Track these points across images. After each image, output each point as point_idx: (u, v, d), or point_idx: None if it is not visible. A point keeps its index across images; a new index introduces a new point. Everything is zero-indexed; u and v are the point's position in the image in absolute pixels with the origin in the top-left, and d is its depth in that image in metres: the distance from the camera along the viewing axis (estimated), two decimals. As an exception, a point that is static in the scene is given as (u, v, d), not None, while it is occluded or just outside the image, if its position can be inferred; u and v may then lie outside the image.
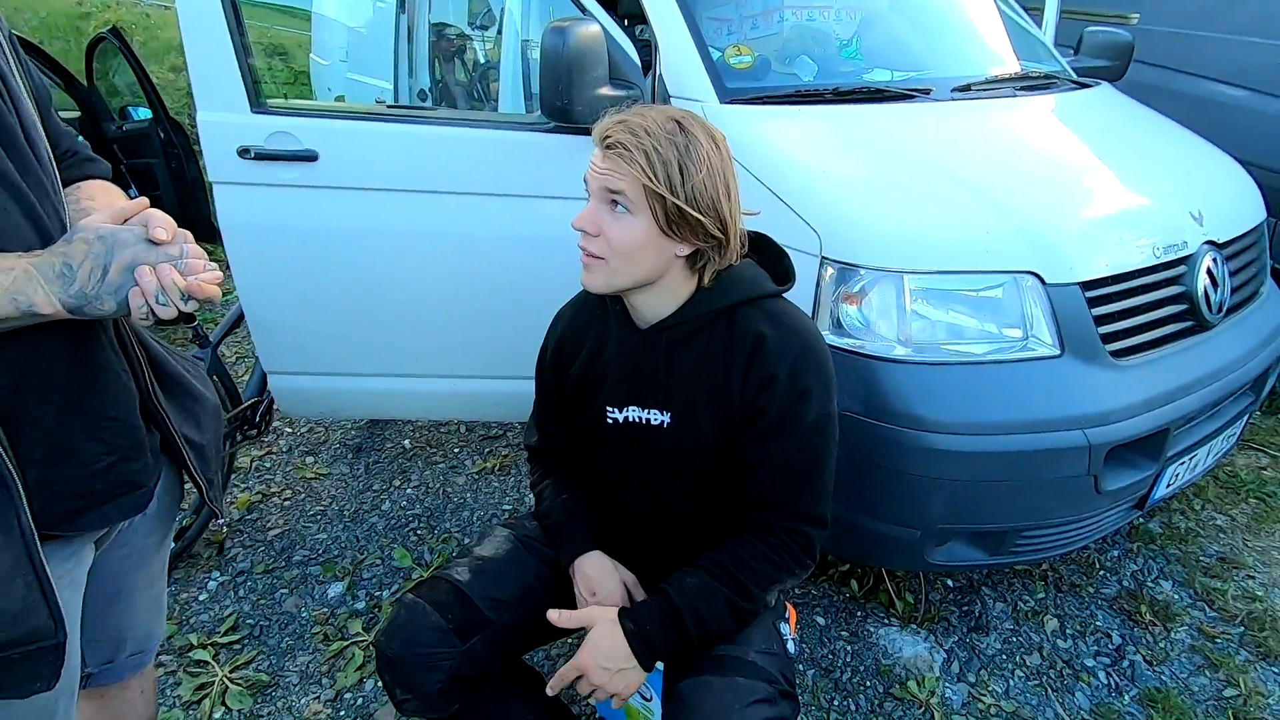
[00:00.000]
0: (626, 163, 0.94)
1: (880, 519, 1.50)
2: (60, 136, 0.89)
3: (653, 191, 0.94)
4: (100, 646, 0.97)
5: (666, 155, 0.94)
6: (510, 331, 1.72)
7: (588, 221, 0.99)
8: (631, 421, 1.10)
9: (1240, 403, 1.75)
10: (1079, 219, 1.56)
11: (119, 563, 0.94)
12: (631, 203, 0.96)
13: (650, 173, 0.93)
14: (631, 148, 0.93)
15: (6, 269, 0.69)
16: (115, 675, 1.02)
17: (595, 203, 0.99)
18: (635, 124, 0.95)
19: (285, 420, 2.60)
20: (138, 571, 0.98)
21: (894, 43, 2.13)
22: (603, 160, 0.97)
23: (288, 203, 1.72)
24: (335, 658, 1.71)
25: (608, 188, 0.96)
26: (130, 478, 0.85)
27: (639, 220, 0.96)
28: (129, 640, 1.01)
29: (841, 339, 1.45)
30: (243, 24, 1.66)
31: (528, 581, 1.17)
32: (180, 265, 0.74)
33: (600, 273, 1.00)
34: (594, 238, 0.99)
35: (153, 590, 1.02)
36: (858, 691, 1.65)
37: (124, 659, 1.02)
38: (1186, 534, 2.10)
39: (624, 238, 0.97)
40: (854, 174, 1.57)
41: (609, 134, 0.95)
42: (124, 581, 0.96)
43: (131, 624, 1.00)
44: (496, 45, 3.08)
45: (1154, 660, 1.72)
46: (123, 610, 0.98)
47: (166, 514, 0.99)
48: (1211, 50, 3.35)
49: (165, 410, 0.90)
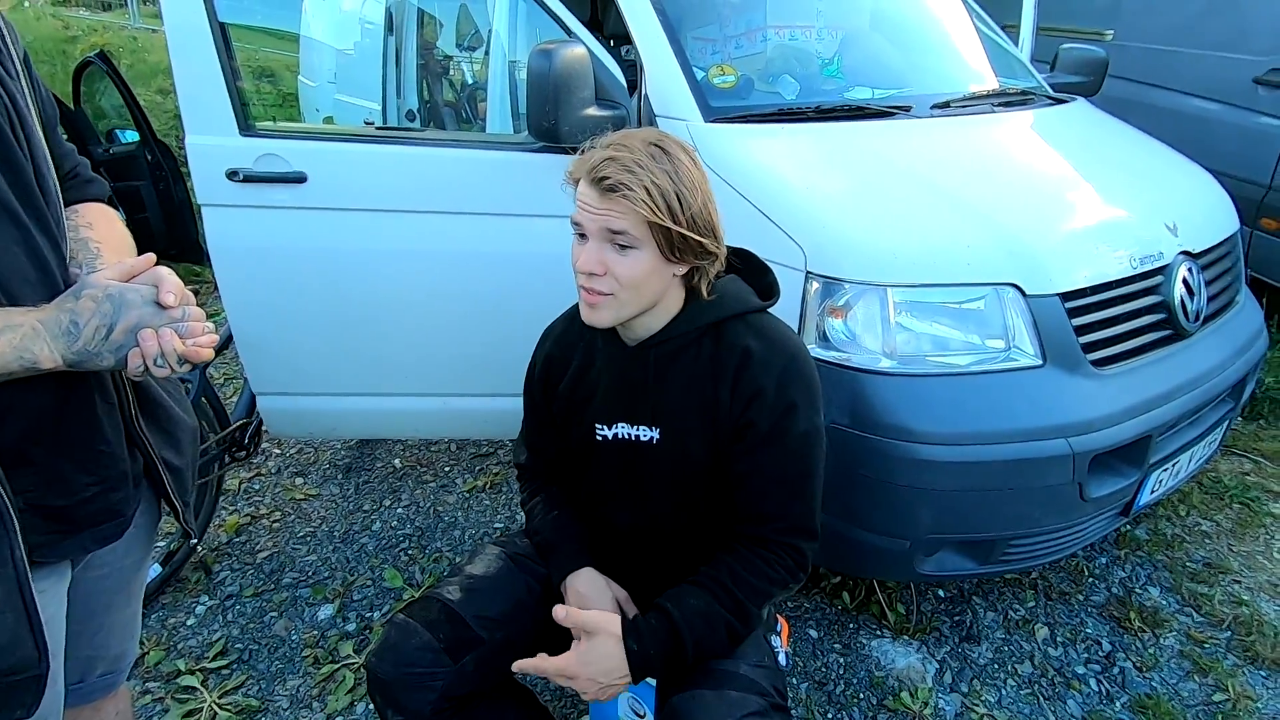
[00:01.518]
0: (631, 202, 0.93)
1: (870, 530, 1.51)
2: (64, 157, 0.91)
3: (657, 225, 0.95)
4: (71, 666, 0.96)
5: (663, 185, 0.94)
6: (499, 349, 1.73)
7: (594, 263, 0.97)
8: (621, 438, 1.11)
9: (1220, 409, 1.78)
10: (1057, 231, 1.60)
11: (95, 583, 0.95)
12: (635, 239, 0.96)
13: (654, 208, 0.93)
14: (633, 185, 0.93)
15: (15, 325, 0.71)
16: (85, 697, 1.01)
17: (596, 243, 0.98)
18: (626, 159, 0.94)
19: (274, 441, 2.58)
20: (115, 592, 0.98)
21: (874, 61, 2.17)
22: (600, 201, 0.95)
23: (277, 224, 1.73)
24: (326, 681, 1.70)
25: (610, 229, 0.96)
26: (113, 506, 0.85)
27: (644, 253, 0.97)
28: (100, 660, 1.01)
29: (827, 352, 1.47)
30: (231, 47, 1.68)
31: (519, 599, 1.17)
32: (181, 329, 0.76)
33: (608, 309, 1.01)
34: (600, 277, 0.98)
35: (127, 611, 1.02)
36: (851, 704, 1.65)
37: (94, 679, 1.01)
38: (1173, 540, 2.12)
39: (631, 272, 0.98)
40: (837, 190, 1.60)
41: (604, 174, 0.94)
42: (99, 601, 0.96)
43: (105, 644, 1.00)
44: (484, 66, 3.11)
45: (1144, 666, 1.73)
46: (95, 630, 0.98)
47: (145, 536, 0.99)
48: (1185, 65, 3.43)
49: (146, 435, 0.91)
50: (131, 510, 0.89)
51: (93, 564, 0.92)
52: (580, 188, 0.98)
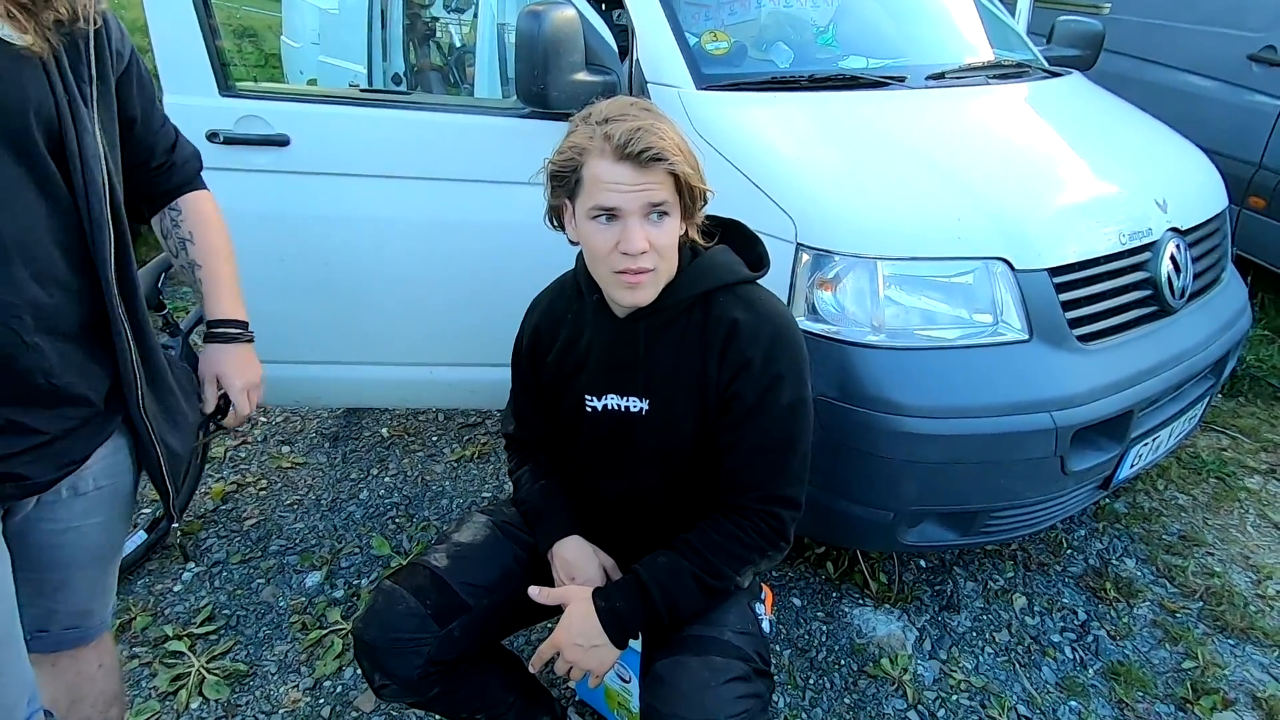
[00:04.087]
0: (673, 168, 0.92)
1: (854, 501, 1.52)
2: (155, 142, 1.00)
3: (684, 183, 0.95)
4: (31, 615, 0.98)
5: (679, 141, 0.94)
6: (487, 318, 1.71)
7: (641, 242, 0.95)
8: (611, 410, 1.11)
9: (1201, 385, 1.80)
10: (1048, 206, 1.59)
11: (50, 535, 0.95)
12: (670, 204, 0.96)
13: (690, 166, 0.94)
14: (672, 152, 0.92)
15: None
16: (51, 646, 1.03)
17: (636, 220, 0.95)
18: (650, 125, 0.92)
19: (260, 409, 2.57)
20: (76, 548, 0.99)
21: (870, 30, 2.13)
22: (639, 175, 0.92)
23: (259, 188, 1.69)
24: (314, 646, 1.71)
25: (652, 202, 0.94)
26: (13, 471, 0.85)
27: (673, 217, 0.98)
28: (61, 614, 1.02)
29: (816, 324, 1.47)
30: (210, 4, 1.62)
31: (506, 567, 1.17)
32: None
33: (652, 284, 1.00)
34: (645, 254, 0.96)
35: (93, 571, 1.03)
36: (832, 670, 1.69)
37: (59, 631, 1.03)
38: (1150, 513, 2.16)
39: (670, 239, 0.98)
40: (829, 161, 1.58)
41: (642, 146, 0.91)
42: (57, 555, 0.97)
43: (66, 599, 1.01)
44: (472, 29, 3.03)
45: (1117, 635, 1.78)
46: (56, 585, 0.99)
47: (113, 500, 0.99)
48: (1181, 41, 3.41)
49: (149, 415, 0.93)
50: (44, 477, 0.89)
51: (42, 516, 0.93)
52: (602, 171, 0.94)
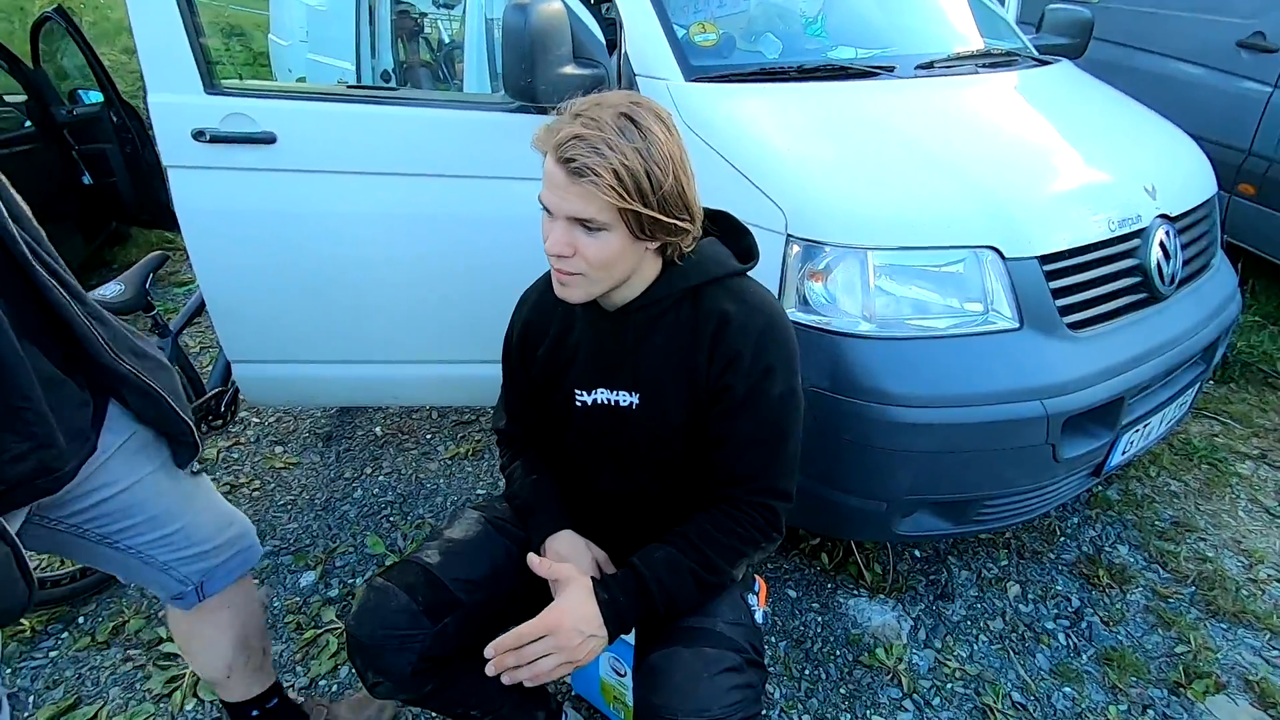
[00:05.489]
0: (599, 190, 0.89)
1: (848, 492, 1.52)
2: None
3: (626, 210, 0.91)
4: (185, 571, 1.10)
5: (633, 166, 0.89)
6: (478, 314, 1.71)
7: (562, 245, 0.94)
8: (601, 403, 1.11)
9: (1192, 372, 1.81)
10: (1037, 194, 1.59)
11: (123, 497, 1.02)
12: (604, 223, 0.93)
13: (623, 193, 0.89)
14: (600, 170, 0.88)
15: None
16: (226, 576, 1.17)
17: (563, 223, 0.94)
18: (594, 138, 0.88)
19: (253, 410, 2.56)
20: (156, 496, 1.06)
21: (858, 20, 2.13)
22: (568, 184, 0.91)
23: (246, 186, 1.68)
24: (309, 645, 1.71)
25: (574, 215, 0.92)
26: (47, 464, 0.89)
27: (613, 234, 0.94)
28: (209, 551, 1.14)
29: (807, 315, 1.46)
30: (193, 2, 1.61)
31: (498, 562, 1.17)
32: None
33: (579, 287, 0.99)
34: (569, 258, 0.95)
35: (193, 511, 1.12)
36: (828, 660, 1.69)
37: (219, 564, 1.16)
38: (1143, 500, 2.17)
39: (600, 254, 0.95)
40: (818, 152, 1.58)
41: (570, 156, 0.88)
42: (147, 509, 1.05)
43: (195, 538, 1.11)
44: (461, 24, 3.02)
45: (1110, 621, 1.79)
46: (177, 533, 1.09)
47: (143, 449, 1.04)
48: (1169, 28, 3.41)
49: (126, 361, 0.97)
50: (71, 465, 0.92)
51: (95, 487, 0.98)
52: (547, 163, 0.93)
